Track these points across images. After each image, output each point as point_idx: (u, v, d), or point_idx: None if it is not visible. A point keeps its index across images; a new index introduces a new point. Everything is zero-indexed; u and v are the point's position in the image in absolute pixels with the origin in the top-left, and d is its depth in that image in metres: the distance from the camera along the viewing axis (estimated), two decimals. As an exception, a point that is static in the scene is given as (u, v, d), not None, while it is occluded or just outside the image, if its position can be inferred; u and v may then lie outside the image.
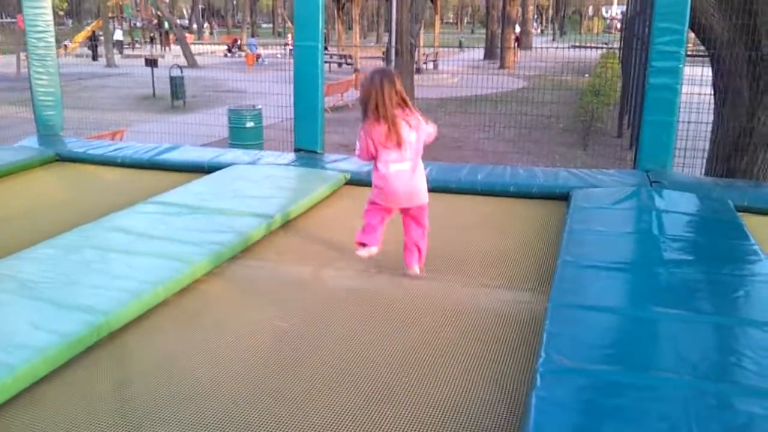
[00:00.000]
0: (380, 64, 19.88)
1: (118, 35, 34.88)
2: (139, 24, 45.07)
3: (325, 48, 7.60)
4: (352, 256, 3.68)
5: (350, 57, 25.49)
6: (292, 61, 6.01)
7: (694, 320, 2.67)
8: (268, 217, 4.08)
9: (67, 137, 6.83)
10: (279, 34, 49.49)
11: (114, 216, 4.16)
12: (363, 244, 3.56)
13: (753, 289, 3.00)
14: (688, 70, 5.27)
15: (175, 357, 2.70)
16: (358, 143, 3.36)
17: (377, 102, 3.16)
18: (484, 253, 3.89)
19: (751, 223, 4.13)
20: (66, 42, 34.00)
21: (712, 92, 6.28)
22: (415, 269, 3.52)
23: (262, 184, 4.86)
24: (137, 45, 39.87)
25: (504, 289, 3.41)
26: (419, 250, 3.52)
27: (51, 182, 5.62)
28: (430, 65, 26.21)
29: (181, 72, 16.86)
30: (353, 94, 18.39)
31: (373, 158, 3.34)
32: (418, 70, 21.62)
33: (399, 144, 3.23)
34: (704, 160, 6.62)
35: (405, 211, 3.49)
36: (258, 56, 28.34)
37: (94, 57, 31.77)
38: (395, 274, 3.56)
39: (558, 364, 2.33)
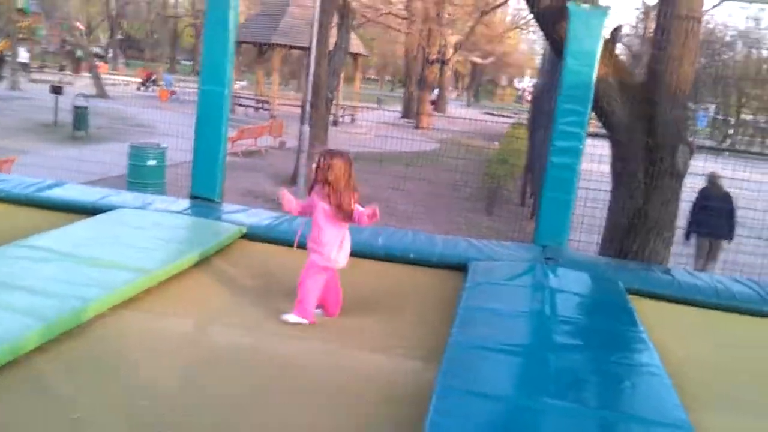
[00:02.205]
0: (298, 112, 19.84)
1: (24, 57, 33.39)
2: (51, 48, 43.50)
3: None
4: (240, 314, 3.62)
5: (268, 103, 25.36)
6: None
7: (580, 414, 2.59)
8: (147, 271, 3.77)
9: (-60, 164, 6.27)
10: (198, 73, 48.84)
11: (-27, 258, 3.75)
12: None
13: (638, 381, 2.97)
14: (591, 149, 5.42)
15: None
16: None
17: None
18: (378, 321, 3.78)
19: (641, 306, 4.17)
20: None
21: (611, 173, 6.47)
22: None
23: (147, 232, 4.54)
24: (47, 69, 38.35)
25: (396, 357, 3.30)
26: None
27: None
28: (348, 119, 26.43)
29: (86, 101, 16.19)
30: (267, 140, 18.19)
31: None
32: (336, 123, 21.72)
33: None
34: (600, 237, 6.79)
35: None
36: (173, 92, 27.78)
37: (-1, 78, 30.32)
38: (281, 333, 3.46)
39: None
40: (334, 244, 3.61)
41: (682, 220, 6.50)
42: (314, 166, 3.59)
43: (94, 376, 2.82)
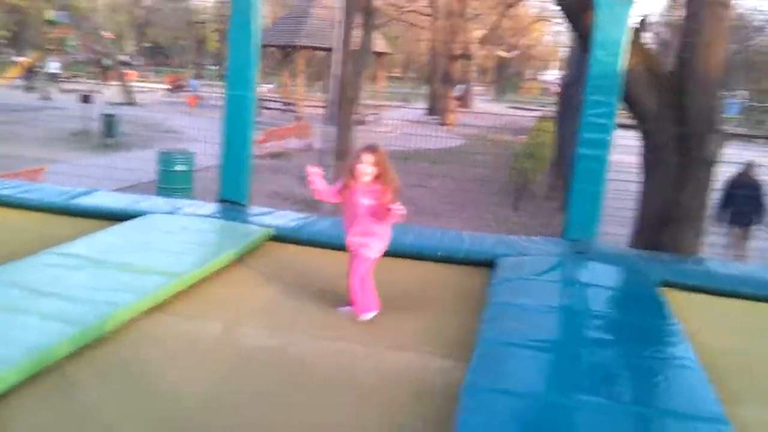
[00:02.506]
0: (323, 113, 19.94)
1: (54, 68, 34.00)
2: (81, 58, 44.18)
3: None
4: (270, 315, 3.65)
5: (294, 105, 25.48)
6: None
7: (614, 409, 2.55)
8: (178, 275, 3.81)
9: (-25, 174, 6.41)
10: (223, 77, 49.27)
11: (9, 267, 3.82)
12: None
13: (673, 374, 2.92)
14: (621, 140, 5.34)
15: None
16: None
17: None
18: (406, 318, 3.77)
19: (674, 298, 4.11)
20: (20, 58, 33.08)
21: (641, 164, 6.37)
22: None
23: (177, 236, 4.59)
24: (76, 79, 39.00)
25: (425, 355, 3.29)
26: None
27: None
28: (373, 118, 26.41)
29: (116, 109, 16.44)
30: (293, 142, 18.28)
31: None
32: (361, 122, 21.73)
33: None
34: (631, 229, 6.69)
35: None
36: (199, 98, 28.06)
37: (31, 89, 30.94)
38: (311, 334, 3.47)
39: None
40: (384, 235, 3.68)
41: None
42: (360, 163, 3.55)
43: (126, 380, 2.86)
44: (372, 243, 3.65)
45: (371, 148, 3.58)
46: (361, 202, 3.59)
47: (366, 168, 3.54)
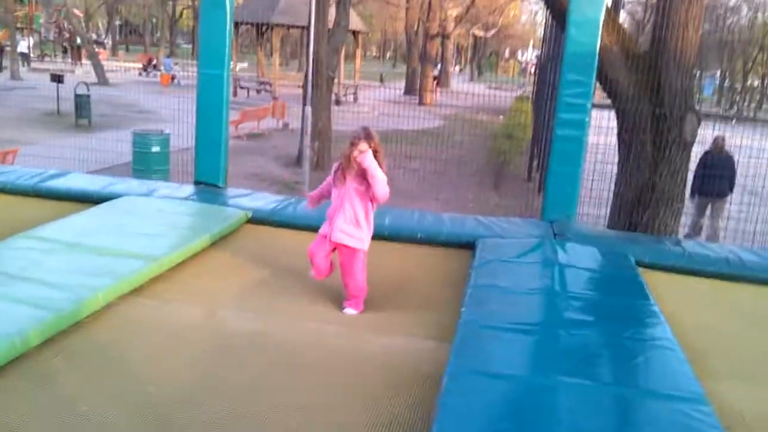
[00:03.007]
0: (299, 93, 19.73)
1: (23, 47, 33.20)
2: (50, 37, 43.27)
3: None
4: (249, 298, 3.62)
5: (269, 84, 25.21)
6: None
7: (594, 390, 2.57)
8: (154, 259, 3.76)
9: (-56, 156, 6.25)
10: (197, 56, 48.40)
11: (-20, 251, 3.74)
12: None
13: (652, 355, 2.94)
14: (603, 122, 5.34)
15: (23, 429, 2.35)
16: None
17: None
18: (387, 301, 3.77)
19: (651, 279, 4.15)
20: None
21: (617, 145, 6.40)
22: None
23: (152, 219, 4.52)
24: (48, 58, 38.20)
25: (407, 338, 3.29)
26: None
27: None
28: (350, 97, 26.26)
29: (88, 89, 16.11)
30: (270, 122, 18.11)
31: None
32: (338, 102, 21.58)
33: None
34: (609, 210, 6.73)
35: None
36: (173, 77, 27.62)
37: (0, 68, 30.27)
38: (290, 317, 3.45)
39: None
40: (371, 225, 3.63)
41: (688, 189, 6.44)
42: (359, 148, 3.44)
43: (104, 366, 2.81)
44: (363, 236, 3.59)
45: (367, 134, 3.49)
46: (352, 186, 3.53)
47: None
